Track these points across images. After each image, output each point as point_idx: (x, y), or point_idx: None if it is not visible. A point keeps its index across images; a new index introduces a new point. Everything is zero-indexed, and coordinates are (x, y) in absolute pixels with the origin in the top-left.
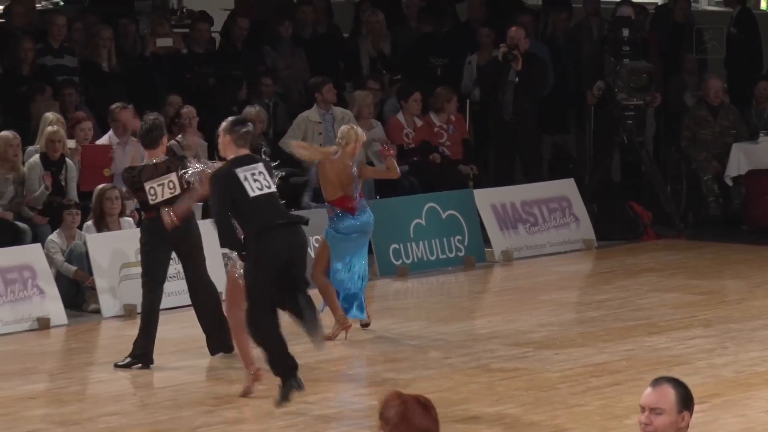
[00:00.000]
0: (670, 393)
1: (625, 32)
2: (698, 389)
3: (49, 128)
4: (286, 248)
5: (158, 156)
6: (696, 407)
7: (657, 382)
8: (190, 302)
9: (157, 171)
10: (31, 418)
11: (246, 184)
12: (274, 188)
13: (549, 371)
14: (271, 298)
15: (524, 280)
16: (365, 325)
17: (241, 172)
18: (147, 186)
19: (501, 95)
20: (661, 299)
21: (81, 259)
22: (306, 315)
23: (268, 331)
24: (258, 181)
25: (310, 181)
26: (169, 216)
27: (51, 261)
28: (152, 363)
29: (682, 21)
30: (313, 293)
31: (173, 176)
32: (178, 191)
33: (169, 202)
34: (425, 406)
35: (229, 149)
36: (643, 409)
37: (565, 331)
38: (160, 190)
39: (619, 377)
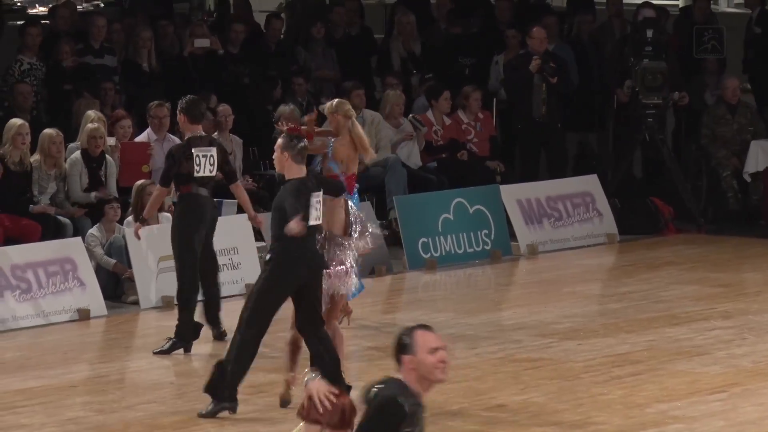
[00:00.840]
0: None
1: (649, 33)
2: (717, 379)
3: (90, 125)
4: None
5: (200, 132)
6: (714, 396)
7: (423, 326)
8: (235, 292)
9: (203, 142)
10: (71, 406)
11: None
12: (319, 222)
13: (572, 361)
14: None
15: (549, 273)
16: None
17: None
18: (195, 152)
19: (530, 96)
20: (681, 291)
21: (120, 252)
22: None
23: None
24: (317, 209)
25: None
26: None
27: (91, 254)
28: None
29: (702, 21)
30: None
31: (214, 150)
32: (216, 171)
33: (207, 180)
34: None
35: (288, 167)
36: (436, 350)
37: (588, 323)
38: (204, 161)
39: (640, 367)
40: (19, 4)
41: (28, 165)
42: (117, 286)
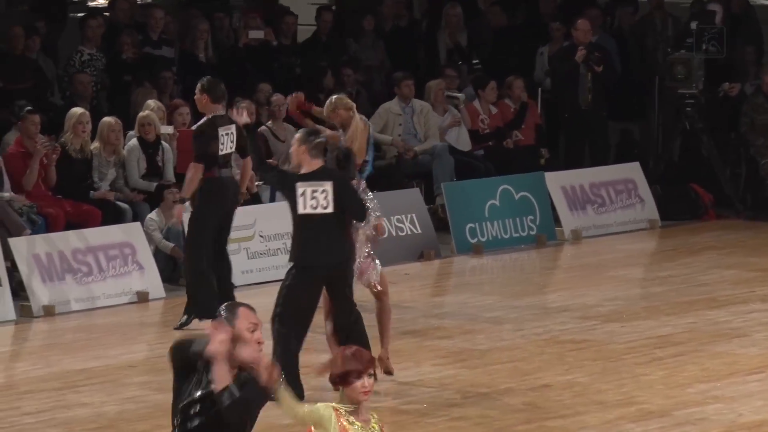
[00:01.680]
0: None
1: (693, 25)
2: (755, 360)
3: (141, 113)
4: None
5: (221, 111)
6: (753, 376)
7: (242, 304)
8: (273, 278)
9: (224, 121)
10: (130, 385)
11: (300, 199)
12: (330, 209)
13: (615, 343)
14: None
15: (592, 258)
16: None
17: (302, 186)
18: (221, 132)
19: (575, 86)
20: (721, 275)
21: (178, 236)
22: None
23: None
24: (316, 198)
25: None
26: None
27: (150, 238)
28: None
29: (739, 13)
30: None
31: (233, 128)
32: (234, 147)
33: (227, 158)
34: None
35: (303, 160)
36: (255, 325)
37: (630, 306)
38: (227, 140)
39: (681, 349)
40: None
41: (89, 152)
42: (174, 269)
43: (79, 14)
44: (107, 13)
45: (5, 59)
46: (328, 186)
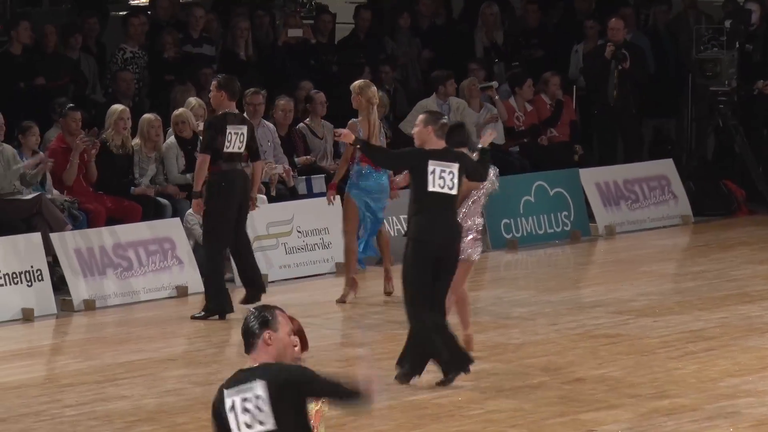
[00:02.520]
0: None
1: (727, 24)
2: None
3: (175, 111)
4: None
5: (235, 109)
6: None
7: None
8: (325, 271)
9: (236, 119)
10: (169, 378)
11: (430, 177)
12: (454, 191)
13: (648, 337)
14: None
15: (626, 253)
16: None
17: (432, 165)
18: (228, 129)
19: (606, 83)
20: (753, 271)
21: None
22: None
23: None
24: (443, 179)
25: None
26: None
27: (189, 233)
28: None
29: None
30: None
31: (245, 129)
32: (243, 148)
33: (235, 157)
34: None
35: (429, 140)
36: (292, 331)
37: (663, 300)
38: (234, 138)
39: (713, 343)
40: None
41: (130, 148)
42: None
43: (122, 12)
44: (149, 12)
45: (44, 57)
46: (455, 168)
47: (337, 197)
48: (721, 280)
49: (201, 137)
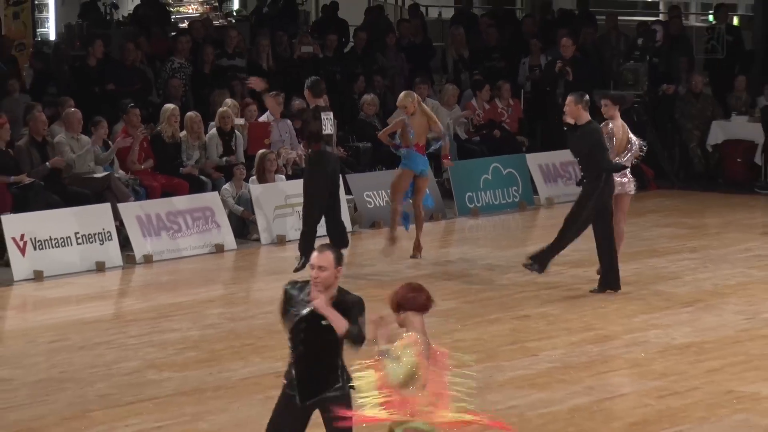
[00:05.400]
0: (329, 255)
1: (639, 41)
2: (686, 297)
3: (220, 109)
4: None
5: (322, 102)
6: (684, 309)
7: (320, 248)
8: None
9: (325, 109)
10: (209, 316)
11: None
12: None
13: (579, 284)
14: None
15: (562, 219)
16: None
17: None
18: (323, 115)
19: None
20: (660, 232)
21: (246, 202)
22: None
23: None
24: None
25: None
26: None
27: (225, 204)
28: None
29: (675, 32)
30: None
31: (331, 114)
32: (335, 129)
33: (330, 138)
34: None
35: (580, 115)
36: (312, 266)
37: (590, 255)
38: (328, 123)
39: (629, 288)
40: (172, 19)
41: (178, 138)
42: (244, 227)
43: (171, 33)
44: (192, 32)
45: (118, 68)
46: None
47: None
48: (635, 239)
49: (302, 126)
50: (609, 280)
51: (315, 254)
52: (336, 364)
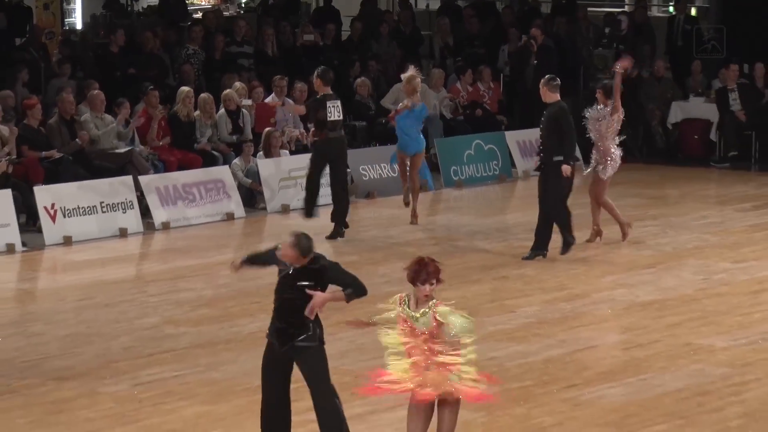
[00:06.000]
0: (293, 250)
1: (607, 30)
2: (649, 259)
3: (224, 92)
4: None
5: (330, 91)
6: (646, 270)
7: (293, 237)
8: (326, 202)
9: (332, 97)
10: (221, 277)
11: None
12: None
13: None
14: None
15: (537, 190)
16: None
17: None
18: (328, 104)
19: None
20: (625, 202)
21: (254, 175)
22: None
23: None
24: None
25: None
26: None
27: (235, 176)
28: None
29: (640, 21)
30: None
31: (338, 102)
32: (341, 115)
33: (336, 123)
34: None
35: (549, 95)
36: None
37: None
38: (334, 110)
39: (597, 251)
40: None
41: (193, 117)
42: (252, 197)
43: (183, 23)
44: (204, 22)
45: (138, 54)
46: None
47: None
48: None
49: (309, 113)
50: (540, 244)
51: (284, 244)
52: (306, 318)
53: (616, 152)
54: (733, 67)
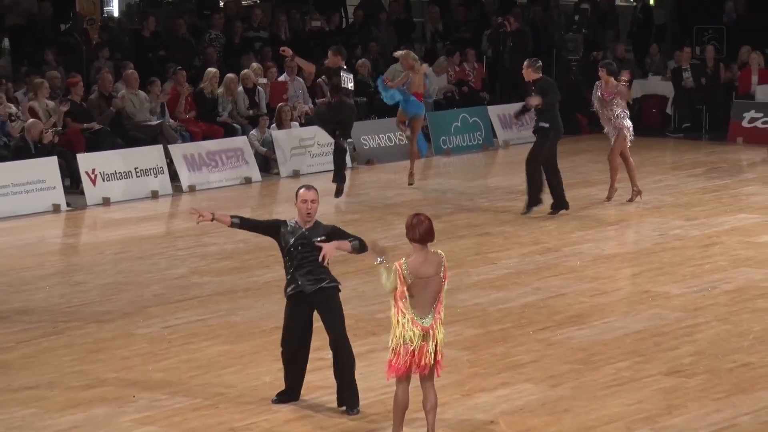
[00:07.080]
0: (315, 191)
1: (576, 17)
2: (613, 217)
3: (243, 71)
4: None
5: (343, 64)
6: (611, 227)
7: (307, 186)
8: (330, 168)
9: (345, 70)
10: (240, 233)
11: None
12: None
13: (505, 207)
14: None
15: (515, 157)
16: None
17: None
18: (342, 73)
19: (503, 55)
20: (592, 167)
21: (269, 143)
22: None
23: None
24: None
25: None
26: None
27: (252, 145)
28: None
29: (605, 8)
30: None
31: (351, 76)
32: (353, 85)
33: (349, 92)
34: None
35: (532, 74)
36: (305, 201)
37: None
38: (347, 79)
39: (568, 211)
40: None
41: (216, 94)
42: (267, 164)
43: (206, 11)
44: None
45: (169, 38)
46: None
47: None
48: (573, 173)
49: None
50: (533, 200)
51: (303, 191)
52: (324, 267)
53: (628, 123)
54: (686, 50)
